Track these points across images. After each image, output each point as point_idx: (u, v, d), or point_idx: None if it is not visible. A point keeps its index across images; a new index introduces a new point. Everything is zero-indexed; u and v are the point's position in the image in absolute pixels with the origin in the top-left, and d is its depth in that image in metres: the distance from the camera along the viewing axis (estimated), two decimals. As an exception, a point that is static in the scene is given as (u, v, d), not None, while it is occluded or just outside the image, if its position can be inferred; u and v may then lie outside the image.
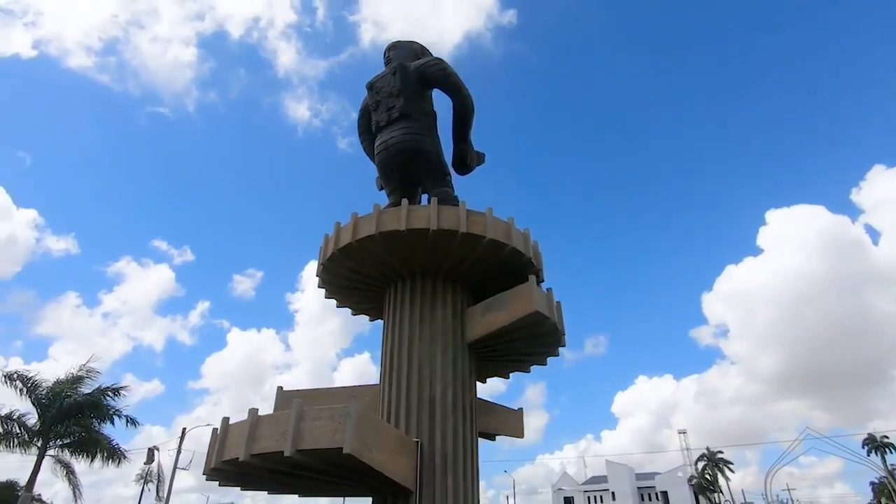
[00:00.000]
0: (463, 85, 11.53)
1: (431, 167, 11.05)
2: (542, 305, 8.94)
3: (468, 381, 9.42)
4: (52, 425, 26.57)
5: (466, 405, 9.18)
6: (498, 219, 9.81)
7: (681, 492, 62.87)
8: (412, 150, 10.94)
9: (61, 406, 26.69)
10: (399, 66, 11.57)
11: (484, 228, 9.40)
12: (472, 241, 9.34)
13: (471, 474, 8.72)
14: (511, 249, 9.70)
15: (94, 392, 28.55)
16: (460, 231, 9.22)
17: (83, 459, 27.25)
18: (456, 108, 11.53)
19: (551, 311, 9.15)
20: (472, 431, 9.15)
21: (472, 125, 11.64)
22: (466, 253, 9.58)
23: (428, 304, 9.79)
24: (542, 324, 9.12)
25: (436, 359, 9.24)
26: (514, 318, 8.97)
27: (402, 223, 9.28)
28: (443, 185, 10.97)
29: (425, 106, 11.54)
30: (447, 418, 8.78)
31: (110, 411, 27.85)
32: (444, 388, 9.00)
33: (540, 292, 9.13)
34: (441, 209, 9.54)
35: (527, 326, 9.19)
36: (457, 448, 8.63)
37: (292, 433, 6.43)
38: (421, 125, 11.20)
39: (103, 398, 28.42)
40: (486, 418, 10.91)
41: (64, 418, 26.68)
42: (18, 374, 27.05)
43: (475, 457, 9.04)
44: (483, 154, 12.70)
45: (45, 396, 27.14)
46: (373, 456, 6.69)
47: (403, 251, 9.56)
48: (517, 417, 11.70)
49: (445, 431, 8.65)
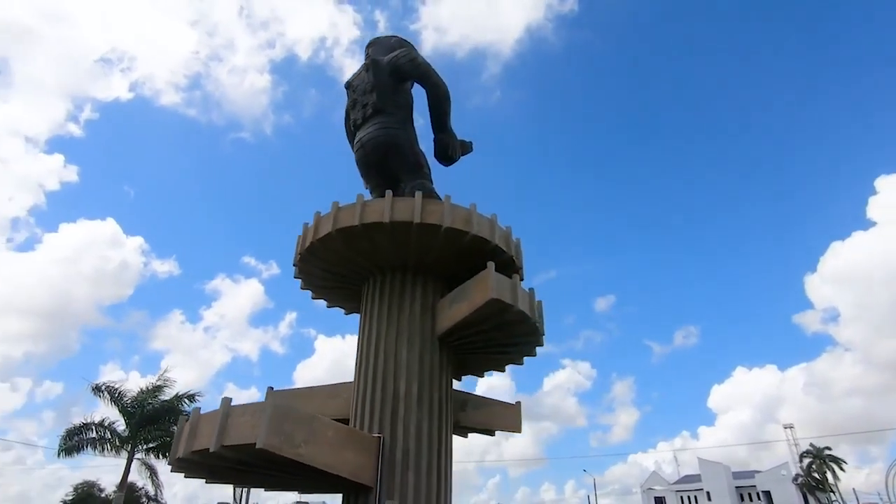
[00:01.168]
0: (433, 72, 11.32)
1: (406, 160, 10.93)
2: (502, 293, 8.53)
3: (438, 376, 9.19)
4: (137, 430, 29.09)
5: (434, 400, 8.97)
6: (458, 207, 9.50)
7: (785, 491, 57.69)
8: (386, 145, 10.88)
9: (143, 413, 29.08)
10: (371, 62, 11.57)
11: (441, 217, 9.14)
12: (429, 231, 9.12)
13: (436, 470, 8.49)
14: (473, 237, 9.35)
15: (172, 399, 30.87)
16: (414, 221, 9.02)
17: (165, 461, 29.60)
18: (429, 97, 11.33)
19: (515, 299, 8.70)
20: (442, 427, 8.90)
21: (448, 113, 11.38)
22: (428, 244, 9.37)
23: (396, 298, 9.67)
24: (506, 312, 8.71)
25: (401, 353, 9.09)
26: (475, 307, 8.64)
27: (357, 218, 9.19)
28: (418, 178, 10.80)
29: (399, 99, 11.42)
30: (411, 413, 8.61)
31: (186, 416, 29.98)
32: (408, 383, 8.84)
33: (501, 279, 8.73)
34: (396, 201, 9.33)
35: (491, 316, 8.84)
36: (420, 443, 8.44)
37: (218, 429, 6.60)
38: (395, 119, 11.11)
39: (180, 404, 30.66)
40: (477, 413, 10.62)
41: (147, 424, 29.14)
42: (106, 386, 29.92)
43: (443, 452, 8.79)
44: (469, 143, 12.38)
45: (129, 405, 29.64)
46: (300, 451, 6.69)
47: (365, 247, 9.52)
48: (514, 412, 11.25)
49: (408, 426, 8.50)
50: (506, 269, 9.71)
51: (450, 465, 8.98)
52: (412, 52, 11.49)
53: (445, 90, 11.30)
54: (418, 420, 8.61)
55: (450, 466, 8.97)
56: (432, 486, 8.32)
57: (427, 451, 8.48)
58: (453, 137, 11.64)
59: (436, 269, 9.99)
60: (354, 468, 7.65)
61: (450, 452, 9.08)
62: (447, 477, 8.77)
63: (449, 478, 8.85)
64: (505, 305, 8.62)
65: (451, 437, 9.23)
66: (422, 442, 8.48)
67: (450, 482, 8.85)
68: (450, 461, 9.01)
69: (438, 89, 11.23)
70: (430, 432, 8.65)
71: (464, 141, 12.23)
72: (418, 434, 8.51)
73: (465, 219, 9.40)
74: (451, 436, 9.24)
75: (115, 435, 28.80)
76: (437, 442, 8.69)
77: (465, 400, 10.58)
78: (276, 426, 6.44)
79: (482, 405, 10.75)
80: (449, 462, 8.97)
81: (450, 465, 8.98)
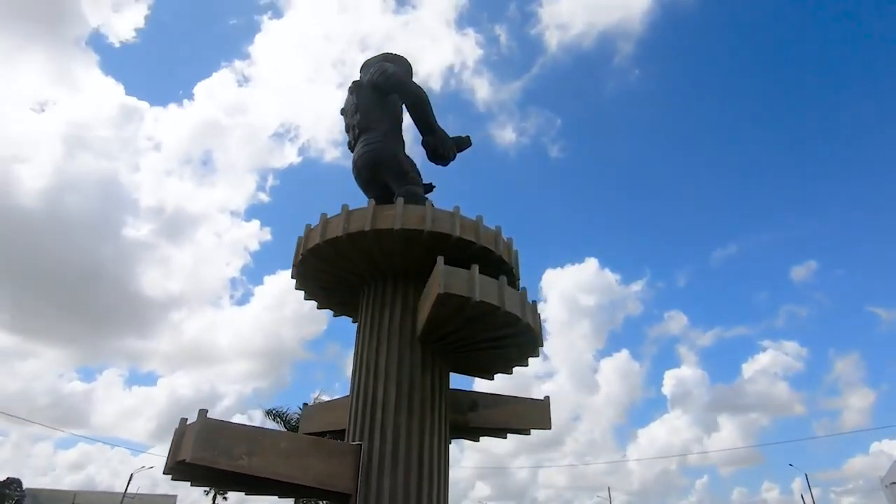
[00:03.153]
0: (404, 81, 11.40)
1: (391, 170, 11.06)
2: (453, 287, 8.15)
3: (419, 378, 9.02)
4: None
5: (415, 403, 8.81)
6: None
7: None
8: (372, 161, 11.17)
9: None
10: (353, 84, 12.01)
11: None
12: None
13: (417, 474, 8.31)
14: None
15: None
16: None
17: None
18: (406, 106, 11.42)
19: (472, 291, 8.22)
20: (425, 430, 8.69)
21: (428, 115, 11.24)
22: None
23: (379, 305, 9.73)
24: (467, 307, 8.29)
25: (381, 358, 9.13)
26: (432, 303, 8.38)
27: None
28: (403, 185, 10.83)
29: (384, 114, 11.60)
30: (388, 417, 8.59)
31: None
32: (386, 387, 8.84)
33: (453, 272, 8.31)
34: (378, 209, 9.45)
35: (453, 312, 8.49)
36: (397, 448, 8.35)
37: (173, 447, 7.37)
38: (378, 133, 11.35)
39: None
40: (492, 413, 10.20)
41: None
42: (276, 411, 34.31)
43: (428, 456, 8.54)
44: (465, 137, 12.11)
45: (294, 425, 33.51)
46: (241, 462, 7.14)
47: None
48: (541, 408, 10.51)
49: (385, 432, 8.48)
50: (495, 269, 9.39)
51: (439, 468, 8.72)
52: (383, 65, 11.65)
53: (418, 95, 11.26)
54: (395, 424, 8.55)
55: (439, 469, 8.71)
56: (411, 491, 8.16)
57: (405, 455, 8.36)
58: (442, 137, 11.44)
59: (424, 273, 9.86)
60: (322, 476, 7.88)
61: (440, 455, 8.82)
62: (434, 480, 8.52)
63: (437, 481, 8.59)
64: (462, 299, 8.22)
65: (440, 439, 8.96)
66: (399, 446, 8.38)
67: (439, 485, 8.59)
68: (439, 464, 8.74)
69: (411, 96, 11.26)
70: (408, 436, 8.51)
71: (459, 137, 12.02)
72: (395, 439, 8.43)
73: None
74: (440, 438, 8.96)
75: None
76: (417, 445, 8.51)
77: (475, 400, 10.17)
78: (205, 442, 6.98)
79: (497, 404, 10.24)
80: (438, 465, 8.71)
81: (439, 468, 8.72)
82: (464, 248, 9.45)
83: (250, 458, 7.28)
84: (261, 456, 7.37)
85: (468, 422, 9.88)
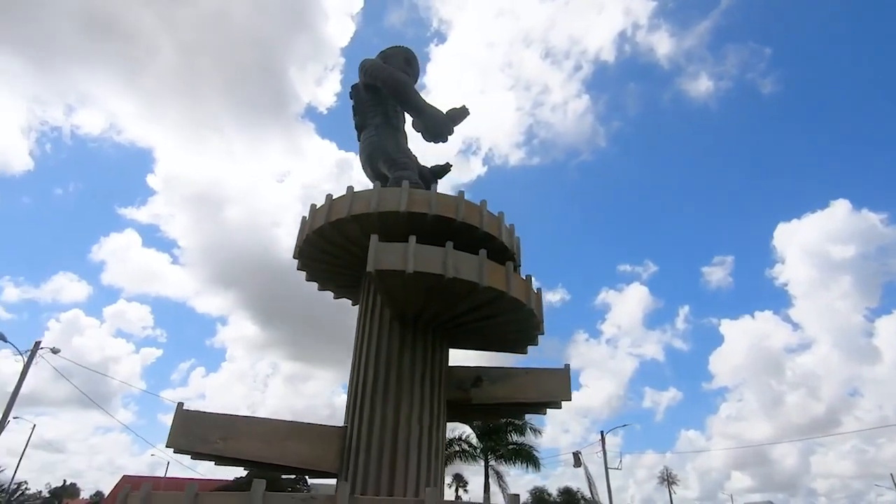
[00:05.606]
0: (379, 70, 11.49)
1: (386, 160, 11.34)
2: (384, 263, 8.07)
3: (395, 360, 8.99)
4: (485, 441, 33.96)
5: (392, 385, 8.81)
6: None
7: None
8: (367, 157, 11.65)
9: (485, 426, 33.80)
10: (351, 88, 12.60)
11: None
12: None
13: (391, 454, 8.29)
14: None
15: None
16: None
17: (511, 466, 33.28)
18: (388, 94, 11.50)
19: (405, 265, 8.00)
20: (401, 410, 8.62)
21: (410, 97, 11.16)
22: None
23: (373, 292, 9.95)
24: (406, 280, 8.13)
25: (363, 342, 9.34)
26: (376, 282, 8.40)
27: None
28: (395, 172, 11.00)
29: (377, 108, 11.90)
30: (365, 401, 8.77)
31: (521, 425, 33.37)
32: (364, 371, 9.02)
33: (385, 248, 8.17)
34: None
35: (403, 287, 8.40)
36: (372, 431, 8.47)
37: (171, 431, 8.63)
38: (371, 128, 11.75)
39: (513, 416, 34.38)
40: (497, 387, 9.56)
41: (491, 434, 33.70)
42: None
43: (404, 436, 8.45)
44: (461, 108, 11.74)
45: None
46: (217, 446, 8.08)
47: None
48: (558, 378, 9.50)
49: (362, 415, 8.67)
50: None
51: (430, 448, 8.57)
52: (364, 62, 11.95)
53: (394, 80, 11.23)
54: (371, 407, 8.69)
55: (430, 448, 8.57)
56: (384, 469, 8.19)
57: (379, 435, 8.42)
58: (432, 115, 11.25)
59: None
60: (304, 458, 8.43)
61: (430, 434, 8.66)
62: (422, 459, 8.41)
63: (425, 460, 8.45)
64: (395, 273, 8.10)
65: (431, 417, 8.79)
66: (374, 430, 8.48)
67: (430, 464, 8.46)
68: (430, 443, 8.59)
69: (388, 84, 11.29)
70: (382, 417, 8.56)
71: (454, 109, 11.69)
72: (371, 422, 8.57)
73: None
74: (431, 416, 8.79)
75: (471, 446, 34.21)
76: (391, 426, 8.50)
77: (477, 375, 9.64)
78: (182, 430, 8.07)
79: (504, 378, 9.54)
80: (428, 444, 8.57)
81: (430, 448, 8.57)
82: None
83: (225, 442, 8.23)
84: (235, 441, 8.25)
85: (470, 399, 9.46)
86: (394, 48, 12.88)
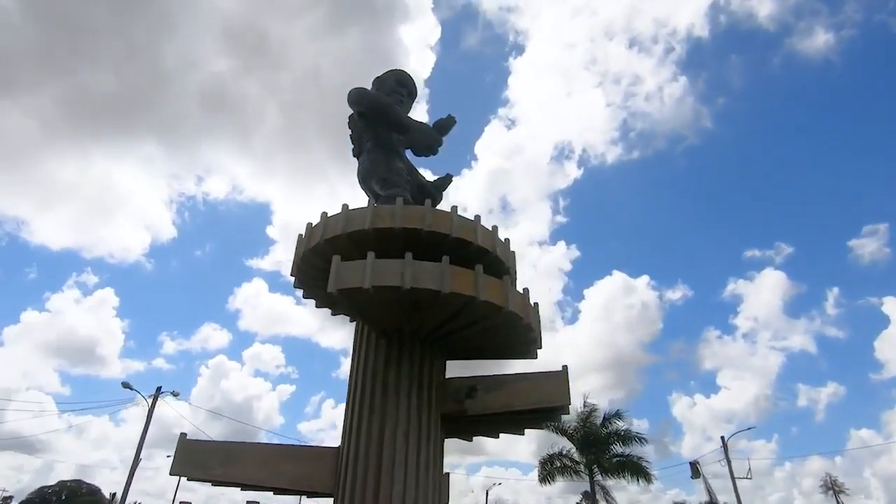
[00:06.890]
0: (363, 95, 11.65)
1: (377, 180, 11.49)
2: (344, 282, 8.10)
3: (381, 376, 8.88)
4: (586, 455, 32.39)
5: (377, 401, 8.71)
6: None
7: None
8: (361, 182, 11.88)
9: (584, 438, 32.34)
10: (348, 118, 12.95)
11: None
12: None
13: (377, 471, 8.14)
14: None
15: (602, 421, 33.13)
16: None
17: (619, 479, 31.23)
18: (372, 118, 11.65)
19: (363, 281, 7.97)
20: (386, 429, 8.46)
21: (391, 117, 11.28)
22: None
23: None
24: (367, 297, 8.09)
25: (352, 360, 9.44)
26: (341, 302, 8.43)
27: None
28: (384, 191, 11.10)
29: (368, 134, 12.11)
30: (355, 419, 8.75)
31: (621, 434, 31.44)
32: (353, 389, 9.04)
33: (345, 267, 8.23)
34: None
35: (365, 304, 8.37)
36: (359, 449, 8.41)
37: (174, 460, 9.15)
38: (364, 154, 11.99)
39: (607, 425, 32.50)
40: (493, 396, 9.05)
41: (589, 447, 32.10)
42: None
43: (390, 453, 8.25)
44: (447, 118, 11.74)
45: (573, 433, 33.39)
46: (216, 472, 8.49)
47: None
48: (556, 380, 8.82)
49: (351, 433, 8.66)
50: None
51: (408, 463, 8.32)
52: (350, 92, 12.14)
53: (375, 102, 11.44)
54: (359, 423, 8.64)
55: (408, 464, 8.31)
56: (369, 487, 8.07)
57: (365, 453, 8.33)
58: (419, 130, 11.33)
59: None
60: (299, 479, 8.61)
61: (406, 449, 8.41)
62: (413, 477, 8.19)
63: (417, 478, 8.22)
64: (357, 291, 8.10)
65: (408, 433, 8.53)
66: (360, 446, 8.43)
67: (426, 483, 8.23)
68: (405, 459, 8.34)
69: (371, 106, 11.46)
70: (368, 434, 8.47)
71: (440, 120, 11.75)
72: (358, 439, 8.53)
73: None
74: (408, 432, 8.53)
75: (573, 461, 32.76)
76: (376, 442, 8.38)
77: (472, 385, 9.20)
78: (183, 458, 8.58)
79: (499, 385, 9.03)
80: (409, 459, 8.33)
81: (408, 463, 8.32)
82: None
83: (224, 468, 8.63)
84: (232, 466, 8.63)
85: (465, 410, 9.06)
86: (387, 72, 13.05)
